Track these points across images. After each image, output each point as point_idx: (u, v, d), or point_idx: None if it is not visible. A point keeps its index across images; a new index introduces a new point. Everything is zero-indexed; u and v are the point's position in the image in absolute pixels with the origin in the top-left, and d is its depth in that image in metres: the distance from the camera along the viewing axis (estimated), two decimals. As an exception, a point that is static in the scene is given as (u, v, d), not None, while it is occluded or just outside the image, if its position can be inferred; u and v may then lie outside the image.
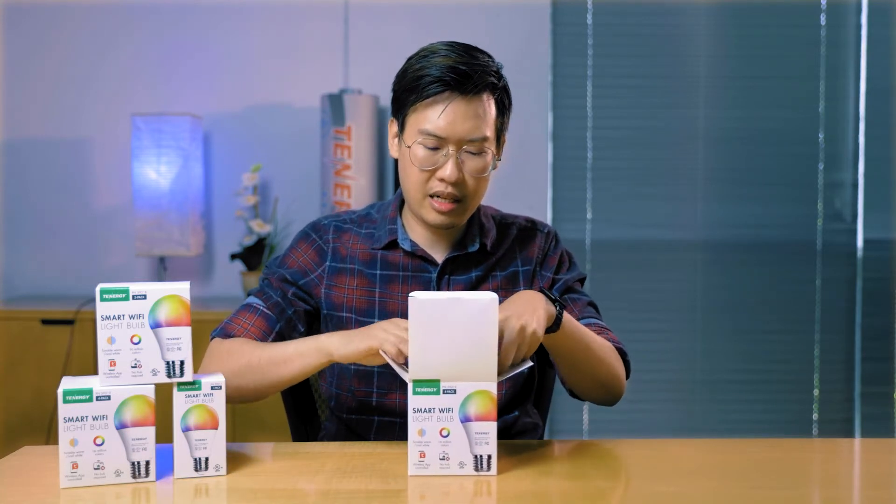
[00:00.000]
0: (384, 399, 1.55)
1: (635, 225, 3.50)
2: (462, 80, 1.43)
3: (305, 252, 1.59)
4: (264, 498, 1.17)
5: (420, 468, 1.26)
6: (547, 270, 1.63)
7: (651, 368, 3.48)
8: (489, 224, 1.62)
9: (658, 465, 1.35)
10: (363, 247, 1.59)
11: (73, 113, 3.41)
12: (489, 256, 1.60)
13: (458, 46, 1.47)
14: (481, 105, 1.46)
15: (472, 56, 1.46)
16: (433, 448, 1.26)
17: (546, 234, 1.66)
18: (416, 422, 1.26)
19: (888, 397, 3.51)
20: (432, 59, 1.45)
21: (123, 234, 3.38)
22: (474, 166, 1.48)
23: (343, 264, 1.58)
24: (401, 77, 1.50)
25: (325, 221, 1.63)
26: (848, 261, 3.51)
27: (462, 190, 1.48)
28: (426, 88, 1.44)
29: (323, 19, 3.41)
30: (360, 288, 1.56)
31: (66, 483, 1.19)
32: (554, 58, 3.47)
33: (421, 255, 1.56)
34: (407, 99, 1.48)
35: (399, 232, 1.58)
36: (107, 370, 1.21)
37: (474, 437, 1.26)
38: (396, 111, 1.52)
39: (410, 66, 1.48)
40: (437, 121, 1.44)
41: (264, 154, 3.40)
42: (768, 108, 3.49)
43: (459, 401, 1.26)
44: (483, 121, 1.46)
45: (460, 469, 1.26)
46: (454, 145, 1.46)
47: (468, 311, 1.24)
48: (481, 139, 1.47)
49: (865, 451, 1.53)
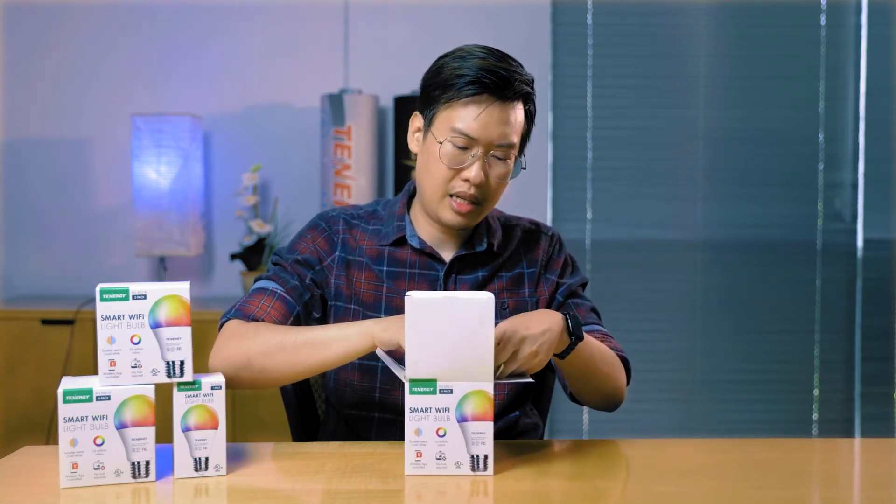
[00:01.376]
0: (387, 395, 1.55)
1: (635, 225, 3.50)
2: (501, 85, 1.44)
3: (316, 240, 1.58)
4: (264, 498, 1.17)
5: (417, 468, 1.26)
6: (551, 274, 1.63)
7: (651, 368, 3.48)
8: (495, 225, 1.63)
9: (658, 465, 1.35)
10: (370, 243, 1.59)
11: (73, 113, 3.41)
12: (496, 257, 1.60)
13: (494, 51, 1.48)
14: (514, 112, 1.47)
15: (509, 63, 1.47)
16: (430, 448, 1.26)
17: (550, 238, 1.66)
18: (412, 421, 1.26)
19: (888, 397, 3.51)
20: (470, 59, 1.45)
21: (123, 234, 3.38)
22: (498, 171, 1.49)
23: (352, 256, 1.58)
24: (435, 73, 1.49)
25: (333, 213, 1.62)
26: (848, 261, 3.51)
27: (483, 193, 1.49)
28: (464, 88, 1.44)
29: (323, 19, 3.41)
30: (368, 282, 1.56)
31: (66, 483, 1.19)
32: (554, 58, 3.47)
33: (429, 252, 1.57)
34: (440, 95, 1.47)
35: (407, 229, 1.58)
36: (107, 370, 1.21)
37: (471, 436, 1.26)
38: (424, 106, 1.51)
39: (446, 63, 1.48)
40: (472, 122, 1.45)
41: (264, 154, 3.40)
42: (768, 108, 3.50)
43: (456, 401, 1.26)
44: (513, 128, 1.48)
45: (457, 469, 1.26)
46: (483, 148, 1.46)
47: (464, 311, 1.24)
48: (509, 145, 1.48)
49: (865, 451, 1.53)
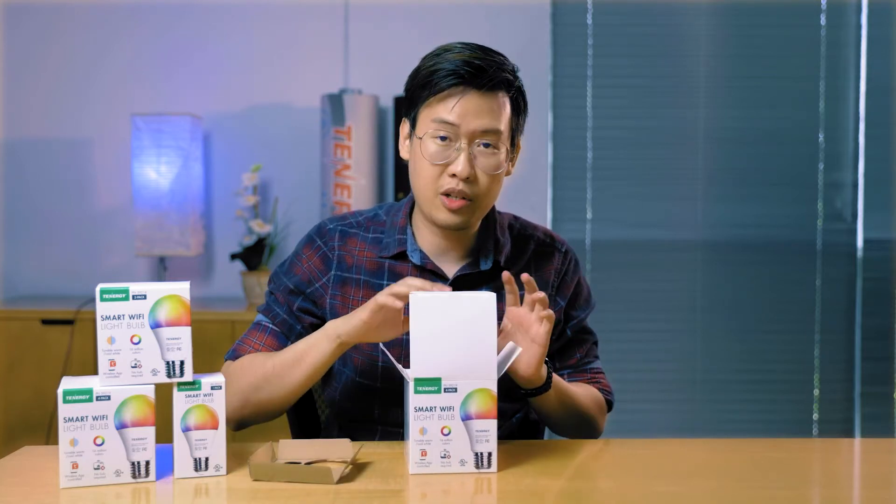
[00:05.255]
0: (387, 413, 1.53)
1: (635, 225, 3.50)
2: (477, 74, 1.41)
3: (310, 259, 1.56)
4: (264, 498, 1.17)
5: (421, 466, 1.26)
6: (562, 298, 1.59)
7: (651, 368, 3.48)
8: (504, 239, 1.57)
9: (658, 465, 1.35)
10: (370, 254, 1.54)
11: (73, 113, 3.41)
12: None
13: (472, 44, 1.46)
14: (496, 101, 1.44)
15: (487, 53, 1.45)
16: (434, 446, 1.26)
17: (564, 254, 1.61)
18: (417, 420, 1.26)
19: (888, 397, 3.51)
20: (446, 55, 1.44)
21: (123, 234, 3.38)
22: (487, 163, 1.45)
23: (349, 274, 1.54)
24: (414, 75, 1.48)
25: (329, 226, 1.58)
26: (848, 261, 3.51)
27: (474, 188, 1.45)
28: (440, 82, 1.42)
29: (323, 19, 3.41)
30: (365, 299, 1.51)
31: (66, 483, 1.19)
32: (554, 58, 3.47)
33: (430, 268, 1.52)
34: (420, 95, 1.45)
35: (409, 242, 1.53)
36: (107, 370, 1.21)
37: (475, 434, 1.26)
38: (408, 109, 1.50)
39: (424, 63, 1.46)
40: (450, 112, 1.42)
41: (264, 154, 3.40)
42: (768, 108, 3.49)
43: (460, 399, 1.26)
44: (497, 116, 1.44)
45: (461, 467, 1.26)
46: (466, 138, 1.43)
47: (467, 309, 1.25)
48: (493, 132, 1.43)
49: (865, 451, 1.53)
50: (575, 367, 1.61)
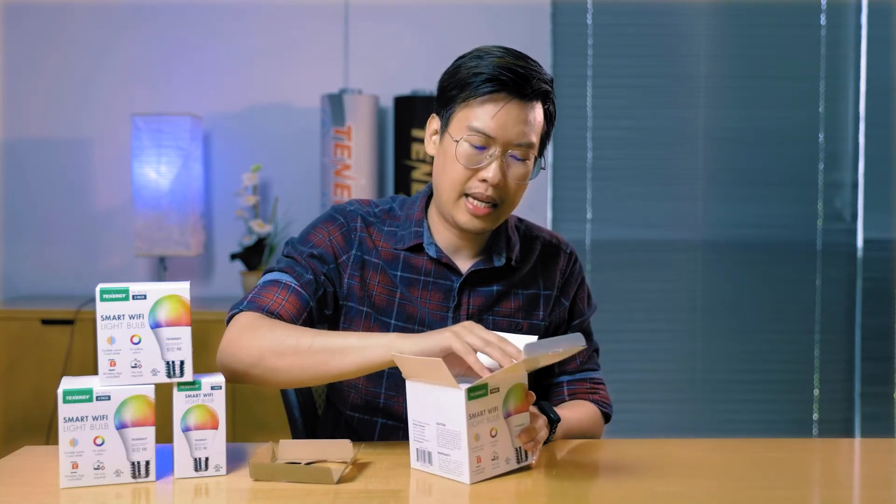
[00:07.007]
0: (391, 402, 1.53)
1: (635, 225, 3.50)
2: (519, 83, 1.41)
3: (333, 234, 1.53)
4: (264, 498, 1.17)
5: (478, 474, 1.23)
6: (565, 298, 1.61)
7: (651, 368, 3.48)
8: (515, 238, 1.58)
9: (658, 465, 1.35)
10: (386, 245, 1.54)
11: (73, 113, 3.41)
12: (513, 271, 1.57)
13: (513, 51, 1.46)
14: (533, 112, 1.44)
15: (527, 61, 1.45)
16: (486, 451, 1.24)
17: (569, 256, 1.63)
18: (472, 427, 1.22)
19: (888, 397, 3.51)
20: (488, 58, 1.43)
21: (123, 234, 3.38)
22: (517, 172, 1.45)
23: (368, 256, 1.53)
24: (452, 73, 1.47)
25: (351, 208, 1.56)
26: (848, 261, 3.51)
27: (501, 194, 1.45)
28: (481, 86, 1.41)
29: (323, 19, 3.41)
30: (382, 285, 1.52)
31: (66, 483, 1.19)
32: (554, 58, 3.47)
33: (446, 262, 1.53)
34: (457, 95, 1.44)
35: (425, 235, 1.53)
36: (107, 370, 1.21)
37: (514, 430, 1.27)
38: (441, 107, 1.49)
39: (464, 63, 1.46)
40: (489, 120, 1.42)
41: (264, 154, 3.40)
42: (768, 108, 3.49)
43: (502, 398, 1.25)
44: (532, 127, 1.44)
45: (507, 465, 1.26)
46: (501, 147, 1.43)
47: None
48: (528, 145, 1.44)
49: (865, 451, 1.53)
50: (574, 373, 1.62)
